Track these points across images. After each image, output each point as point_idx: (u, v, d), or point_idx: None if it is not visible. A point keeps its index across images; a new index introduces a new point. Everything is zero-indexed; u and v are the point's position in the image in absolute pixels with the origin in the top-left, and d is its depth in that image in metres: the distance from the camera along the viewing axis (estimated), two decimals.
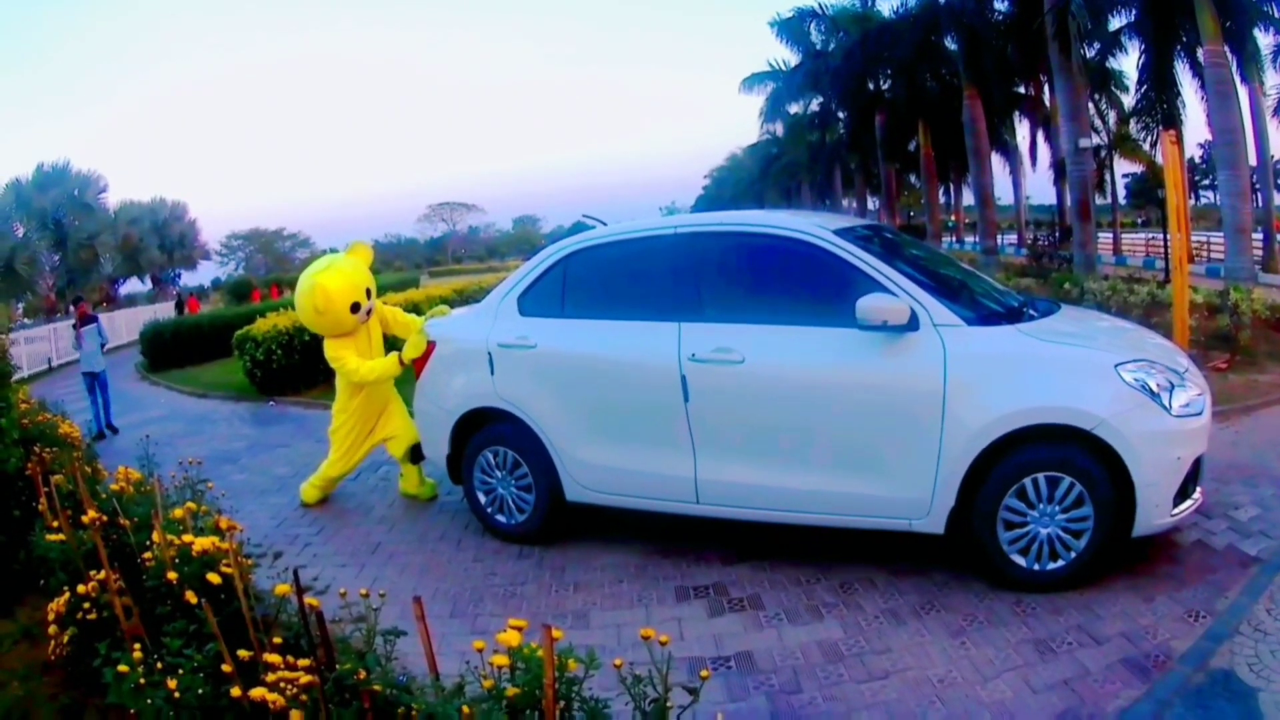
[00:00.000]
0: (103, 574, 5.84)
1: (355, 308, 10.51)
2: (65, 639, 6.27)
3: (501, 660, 3.83)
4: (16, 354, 26.55)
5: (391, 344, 11.00)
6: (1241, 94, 31.20)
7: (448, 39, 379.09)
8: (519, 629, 3.85)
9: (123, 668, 4.88)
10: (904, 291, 7.35)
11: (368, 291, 10.69)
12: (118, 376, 24.45)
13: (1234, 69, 29.23)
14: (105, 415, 19.07)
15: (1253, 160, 33.66)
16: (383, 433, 11.15)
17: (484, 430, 9.36)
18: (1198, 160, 77.36)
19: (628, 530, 9.20)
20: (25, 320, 61.75)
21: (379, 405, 11.14)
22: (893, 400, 7.32)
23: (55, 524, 6.83)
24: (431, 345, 9.80)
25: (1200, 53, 28.82)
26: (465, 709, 3.64)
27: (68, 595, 6.24)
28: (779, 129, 68.00)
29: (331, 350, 10.67)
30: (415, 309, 17.07)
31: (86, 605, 6.06)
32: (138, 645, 5.09)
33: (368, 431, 11.09)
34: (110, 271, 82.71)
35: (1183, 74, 32.53)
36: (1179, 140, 16.69)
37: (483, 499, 9.50)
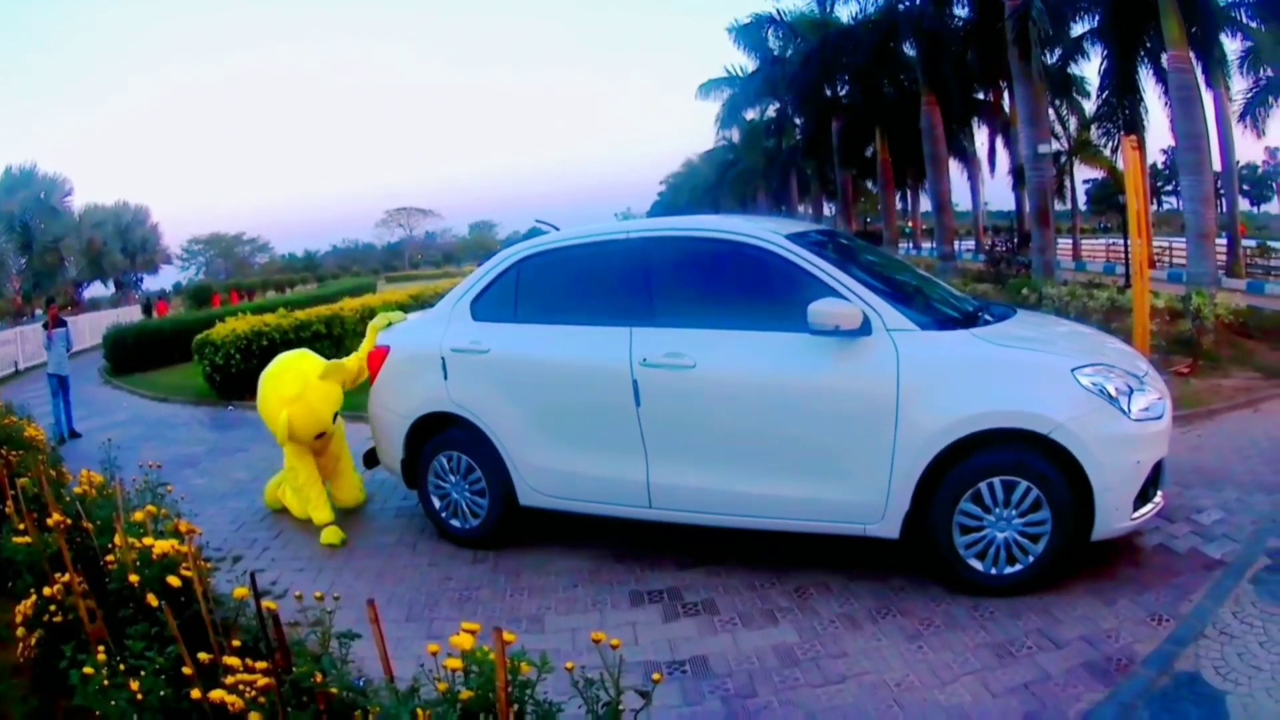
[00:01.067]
0: (67, 577, 5.83)
1: (320, 436, 10.52)
2: (33, 641, 6.25)
3: (455, 664, 3.81)
4: None
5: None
6: (1207, 99, 31.37)
7: (405, 43, 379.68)
8: (472, 632, 3.83)
9: (87, 670, 4.86)
10: (856, 296, 7.36)
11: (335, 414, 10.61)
12: (81, 380, 24.36)
13: (1199, 74, 29.34)
14: (68, 421, 19.13)
15: (1218, 165, 33.81)
16: (330, 481, 11.07)
17: (438, 435, 9.35)
18: (1160, 166, 77.87)
19: (582, 535, 9.21)
20: None
21: (330, 464, 11.12)
22: (845, 405, 7.33)
23: (22, 526, 6.81)
24: (385, 350, 9.77)
25: (1165, 58, 28.87)
26: (420, 712, 3.62)
27: (34, 598, 6.22)
28: (735, 135, 68.28)
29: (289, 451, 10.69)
30: (371, 314, 17.09)
31: (52, 608, 6.05)
32: (102, 647, 5.08)
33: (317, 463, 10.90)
34: (75, 275, 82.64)
35: (1146, 79, 32.71)
36: (1140, 145, 16.80)
37: (437, 503, 9.49)
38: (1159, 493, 7.47)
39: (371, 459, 10.59)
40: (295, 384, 10.27)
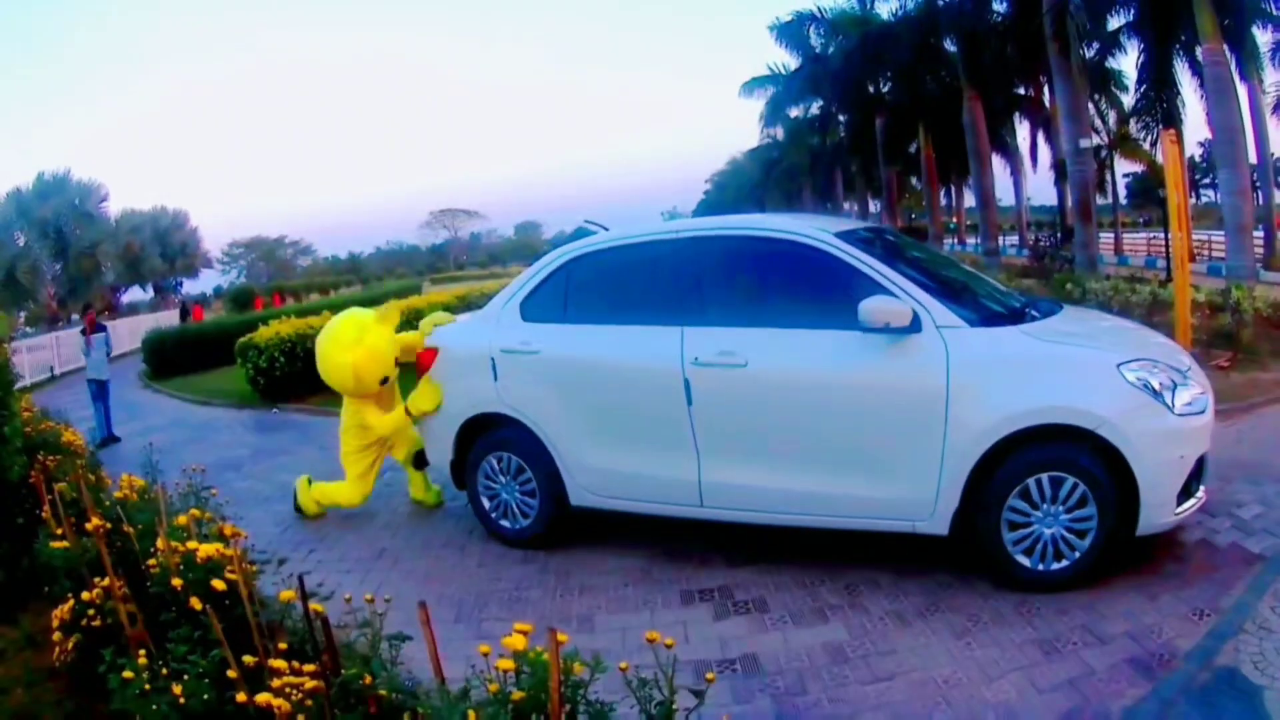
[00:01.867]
0: (107, 581, 5.86)
1: (384, 381, 10.47)
2: (70, 645, 6.28)
3: (507, 664, 3.83)
4: (19, 362, 26.63)
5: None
6: (1241, 92, 31.19)
7: (449, 43, 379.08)
8: (524, 633, 3.85)
9: (127, 674, 4.89)
10: (906, 293, 7.35)
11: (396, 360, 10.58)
12: (120, 384, 24.44)
13: (1233, 67, 29.18)
14: (107, 425, 19.09)
15: (1253, 158, 33.64)
16: (400, 448, 11.09)
17: (487, 436, 9.36)
18: (1198, 159, 77.36)
19: (632, 534, 9.20)
20: (27, 329, 61.80)
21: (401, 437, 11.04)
22: (896, 402, 7.32)
23: (59, 531, 6.85)
24: (434, 351, 9.78)
25: (1199, 51, 28.77)
26: (471, 713, 3.62)
27: (72, 602, 6.24)
28: (779, 133, 68.12)
29: (351, 413, 10.76)
30: (418, 315, 17.10)
31: (91, 612, 6.07)
32: (142, 652, 5.11)
33: (379, 450, 10.96)
34: (112, 280, 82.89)
35: (1182, 73, 32.59)
36: (1179, 139, 16.73)
37: (487, 504, 9.50)
38: (1201, 488, 7.40)
39: (421, 460, 10.64)
40: (354, 331, 10.31)
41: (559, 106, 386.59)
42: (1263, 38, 33.77)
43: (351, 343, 10.24)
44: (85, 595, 6.11)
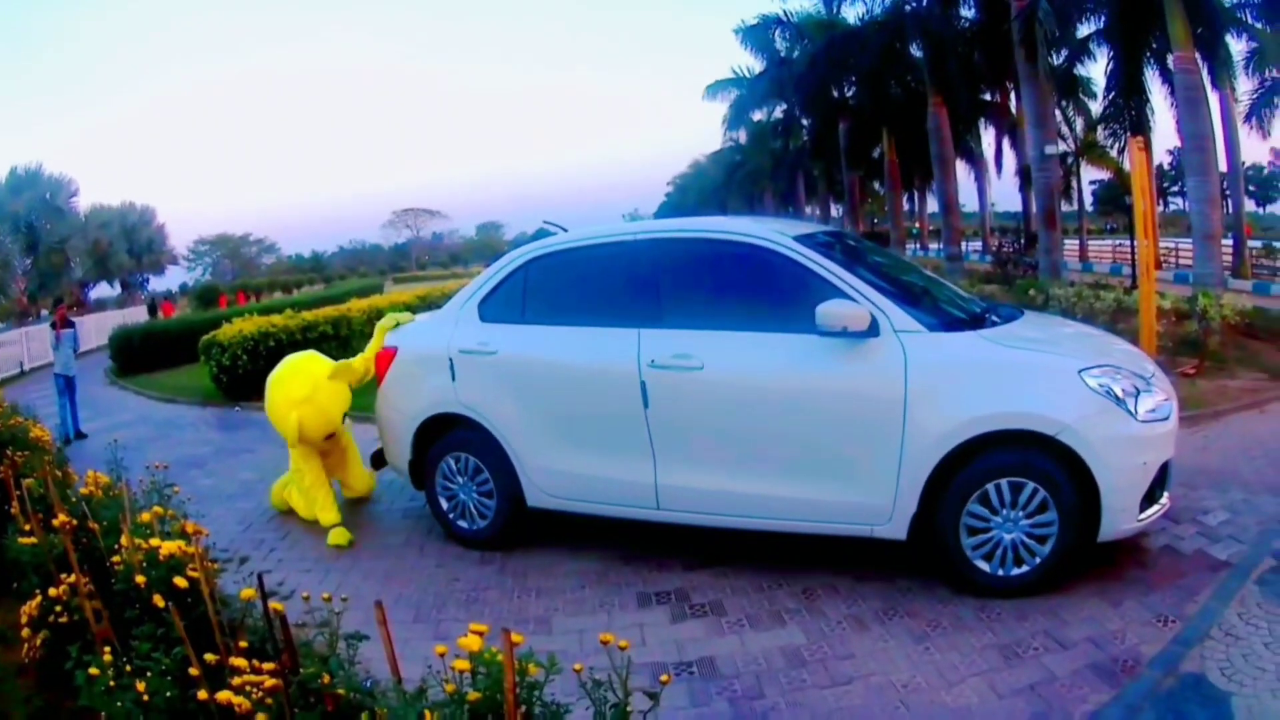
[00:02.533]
0: (73, 577, 5.84)
1: (329, 437, 10.61)
2: (38, 642, 6.26)
3: (463, 665, 3.81)
4: None
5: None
6: (1213, 100, 31.36)
7: (410, 44, 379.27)
8: (480, 634, 3.84)
9: (93, 670, 4.87)
10: (864, 297, 7.36)
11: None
12: (87, 380, 24.32)
13: (1205, 75, 29.34)
14: (73, 421, 19.07)
15: (1223, 166, 33.81)
16: (338, 474, 11.18)
17: (445, 436, 9.36)
18: (1166, 167, 77.75)
19: (590, 536, 9.20)
20: None
21: (338, 458, 11.18)
22: (853, 406, 7.33)
23: (27, 527, 6.80)
24: (393, 351, 9.78)
25: (1170, 59, 28.90)
26: (428, 713, 3.63)
27: (40, 598, 6.23)
28: (742, 136, 68.58)
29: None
30: (379, 315, 17.05)
31: (58, 608, 6.05)
32: (108, 648, 5.08)
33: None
34: (80, 275, 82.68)
35: (1152, 80, 32.68)
36: (1147, 146, 16.78)
37: (445, 505, 9.49)
38: (1165, 494, 7.45)
39: (379, 460, 10.58)
40: (304, 386, 10.27)
41: (521, 108, 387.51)
42: (1236, 46, 33.91)
43: (300, 399, 10.26)
44: (52, 592, 6.09)
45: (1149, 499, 7.15)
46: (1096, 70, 42.24)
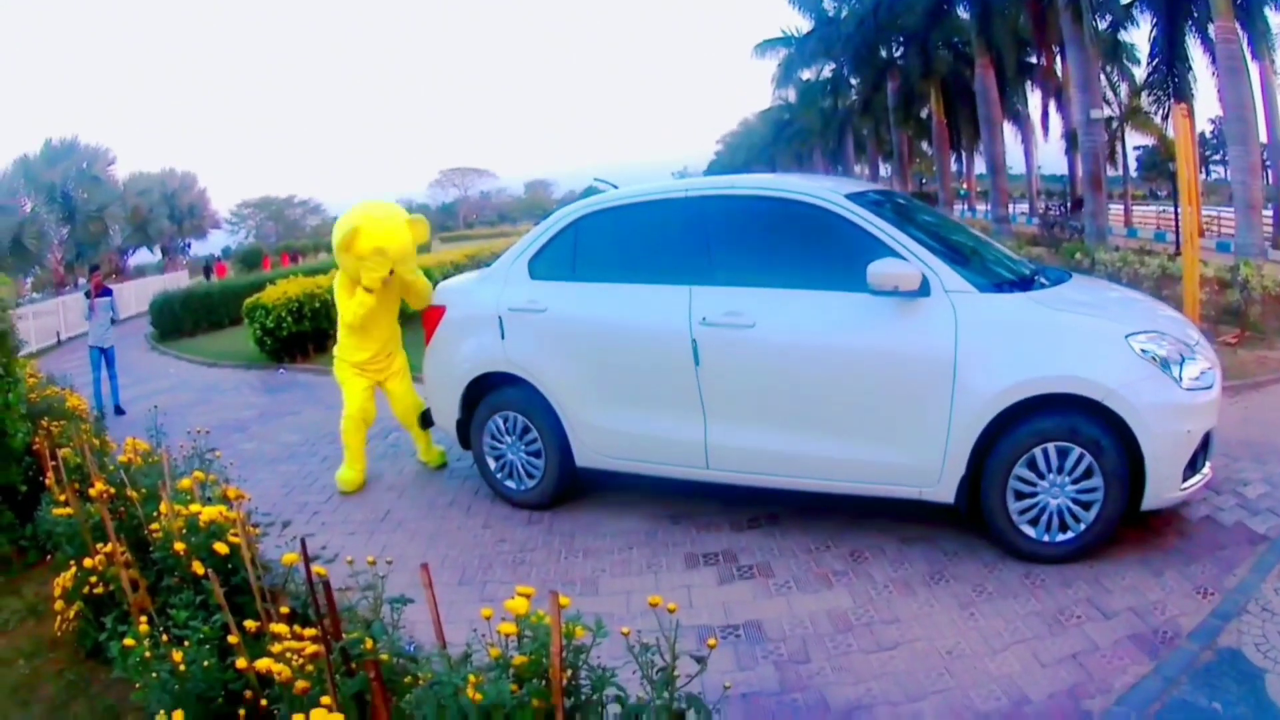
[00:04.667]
0: (109, 547, 5.85)
1: (389, 277, 10.17)
2: (71, 614, 6.31)
3: (509, 628, 3.82)
4: (24, 328, 26.47)
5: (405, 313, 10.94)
6: (1253, 71, 31.08)
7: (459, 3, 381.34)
8: (527, 596, 3.85)
9: (129, 641, 4.87)
10: (916, 257, 7.32)
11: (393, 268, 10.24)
12: (127, 346, 24.38)
13: (1245, 46, 29.09)
14: (113, 395, 18.48)
15: (1263, 137, 33.52)
16: (386, 378, 10.89)
17: (493, 395, 9.36)
18: (1209, 135, 77.08)
19: (637, 496, 9.20)
20: (33, 295, 61.85)
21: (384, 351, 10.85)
22: (904, 366, 7.30)
23: (62, 498, 6.83)
24: (441, 310, 9.78)
25: (1211, 29, 28.71)
26: (472, 678, 3.59)
27: (74, 570, 6.27)
28: (791, 95, 67.77)
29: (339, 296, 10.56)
30: (428, 274, 16.92)
31: (93, 579, 6.10)
32: (144, 618, 5.10)
33: (373, 367, 10.74)
34: (120, 243, 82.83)
35: (1194, 49, 32.48)
36: (1190, 114, 16.59)
37: (492, 464, 9.51)
38: (1207, 464, 7.36)
39: (427, 420, 10.60)
40: (375, 216, 10.19)
41: (572, 66, 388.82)
42: (1275, 19, 33.59)
43: (372, 220, 10.07)
44: (88, 562, 6.12)
45: (1192, 468, 7.07)
46: (1140, 37, 41.95)
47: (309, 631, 4.40)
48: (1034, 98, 53.53)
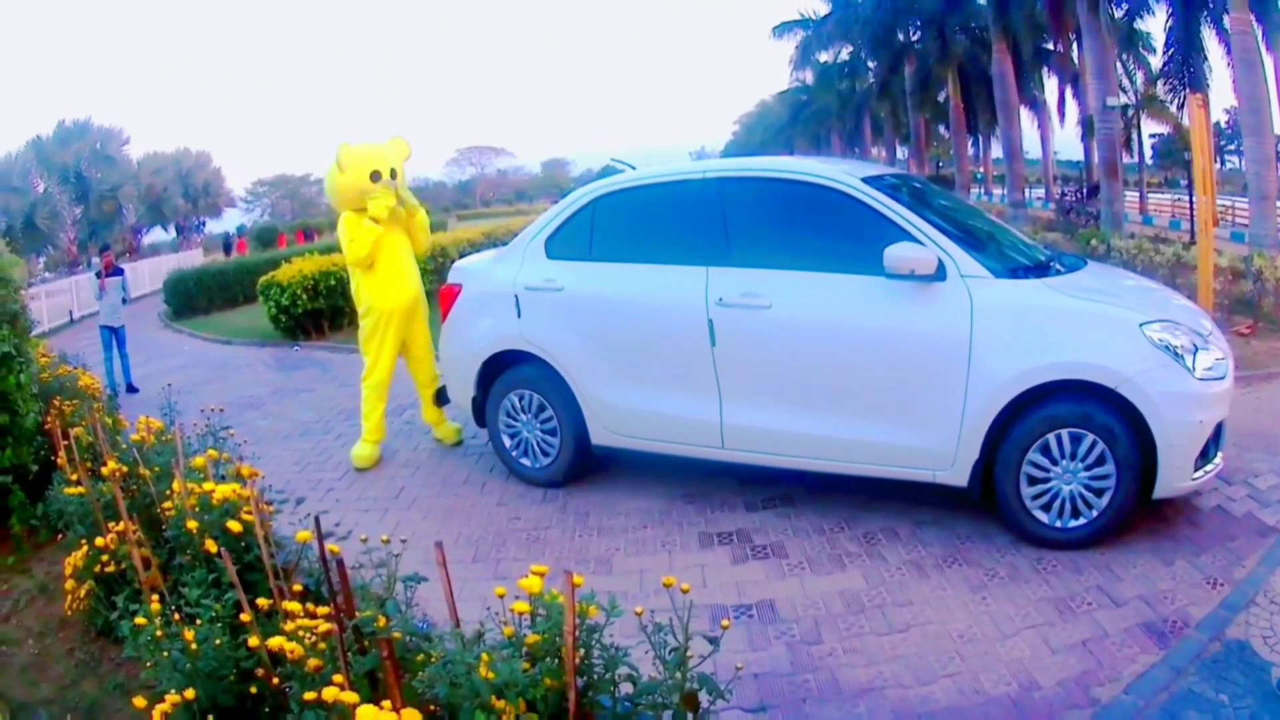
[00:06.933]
0: (121, 525, 5.87)
1: (375, 176, 10.31)
2: (82, 593, 6.32)
3: (523, 607, 3.84)
4: (37, 308, 26.46)
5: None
6: (1268, 63, 31.02)
7: None
8: (540, 575, 3.87)
9: (140, 620, 4.89)
10: (932, 241, 7.32)
11: (392, 171, 10.50)
12: (141, 324, 24.44)
13: (1260, 38, 29.02)
14: (125, 374, 18.37)
15: (1278, 129, 33.50)
16: (408, 351, 10.97)
17: (509, 373, 9.38)
18: (1224, 125, 76.94)
19: (652, 475, 9.24)
20: (46, 274, 61.91)
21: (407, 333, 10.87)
22: (919, 350, 7.31)
23: (74, 477, 6.84)
24: (457, 288, 9.80)
25: (1227, 20, 28.63)
26: (485, 656, 3.62)
27: (85, 548, 6.28)
28: (809, 77, 67.58)
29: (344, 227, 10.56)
30: (444, 254, 16.85)
31: (105, 558, 6.11)
32: (156, 597, 5.09)
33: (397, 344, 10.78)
34: (134, 221, 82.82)
35: (1209, 39, 32.41)
36: (1205, 104, 16.55)
37: (507, 442, 9.55)
38: (1219, 454, 7.35)
39: (442, 397, 10.63)
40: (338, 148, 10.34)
41: (589, 45, 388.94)
42: None
43: (356, 146, 10.39)
44: (99, 541, 6.13)
45: (1203, 457, 7.07)
46: (1155, 25, 41.88)
47: (322, 610, 4.42)
48: (1050, 83, 53.69)
